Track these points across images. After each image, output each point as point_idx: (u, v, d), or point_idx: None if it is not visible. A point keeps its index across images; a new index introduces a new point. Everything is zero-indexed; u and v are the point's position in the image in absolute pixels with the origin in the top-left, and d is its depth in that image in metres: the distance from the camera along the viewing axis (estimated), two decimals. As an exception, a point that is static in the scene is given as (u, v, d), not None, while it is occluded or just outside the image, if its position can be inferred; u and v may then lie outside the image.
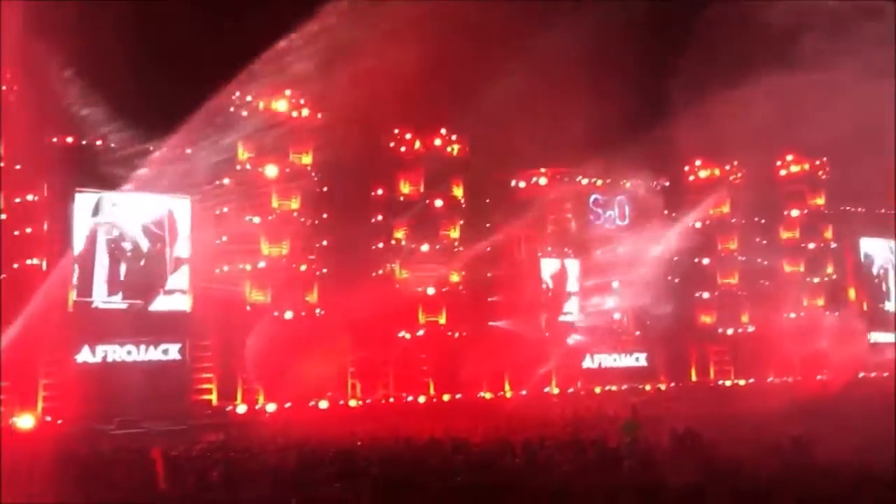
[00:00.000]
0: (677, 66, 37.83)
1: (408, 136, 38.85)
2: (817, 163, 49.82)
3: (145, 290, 32.87)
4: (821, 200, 50.35)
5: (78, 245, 31.81)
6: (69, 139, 31.86)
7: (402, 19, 31.00)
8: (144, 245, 33.11)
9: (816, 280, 49.57)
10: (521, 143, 38.23)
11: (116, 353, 31.61)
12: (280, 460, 20.36)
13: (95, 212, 32.22)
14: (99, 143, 32.40)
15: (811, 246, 49.64)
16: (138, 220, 33.05)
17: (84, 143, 32.20)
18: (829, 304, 49.70)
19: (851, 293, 51.25)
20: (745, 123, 37.49)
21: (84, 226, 32.02)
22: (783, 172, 49.93)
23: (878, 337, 50.04)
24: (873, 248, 52.50)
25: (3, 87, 30.16)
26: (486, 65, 34.99)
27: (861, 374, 46.78)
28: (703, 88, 35.80)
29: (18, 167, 30.26)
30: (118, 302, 32.44)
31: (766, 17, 35.49)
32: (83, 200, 32.05)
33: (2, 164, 30.23)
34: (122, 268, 32.63)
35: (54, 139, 31.25)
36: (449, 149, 39.57)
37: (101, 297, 32.17)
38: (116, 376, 30.79)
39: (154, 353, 32.33)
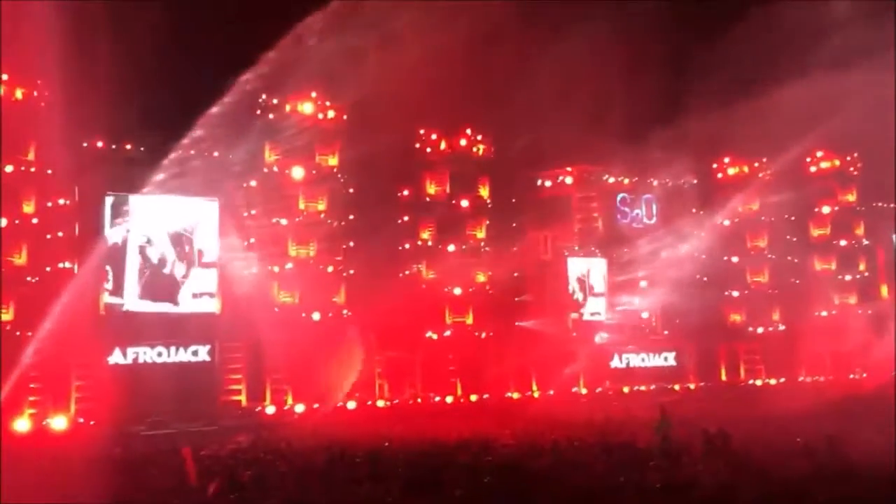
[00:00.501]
0: (704, 63, 37.48)
1: (433, 136, 38.86)
2: (848, 158, 49.11)
3: (174, 292, 33.20)
4: (852, 197, 49.64)
5: (108, 248, 32.16)
6: (99, 143, 32.25)
7: (428, 21, 31.01)
8: (173, 247, 33.43)
9: (848, 277, 48.90)
10: (546, 142, 38.15)
11: (147, 354, 31.98)
12: (309, 461, 20.49)
13: (125, 215, 32.55)
14: (128, 146, 32.77)
15: (842, 243, 48.99)
16: (167, 222, 33.38)
17: (114, 147, 32.58)
18: (861, 302, 48.99)
19: (884, 290, 50.45)
20: (774, 120, 37.07)
21: (114, 229, 32.38)
22: (813, 169, 49.25)
23: (912, 335, 49.21)
24: (906, 244, 51.71)
25: (35, 93, 30.60)
26: (512, 65, 34.97)
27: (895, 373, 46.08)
28: (731, 85, 35.48)
29: (49, 172, 30.67)
30: (148, 304, 32.77)
31: (794, 14, 35.04)
32: (113, 204, 32.41)
33: (34, 169, 30.64)
34: (152, 270, 32.96)
35: (84, 144, 31.62)
36: (474, 149, 39.53)
37: (132, 300, 32.52)
38: (147, 378, 31.10)
39: (184, 355, 32.65)
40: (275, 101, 34.78)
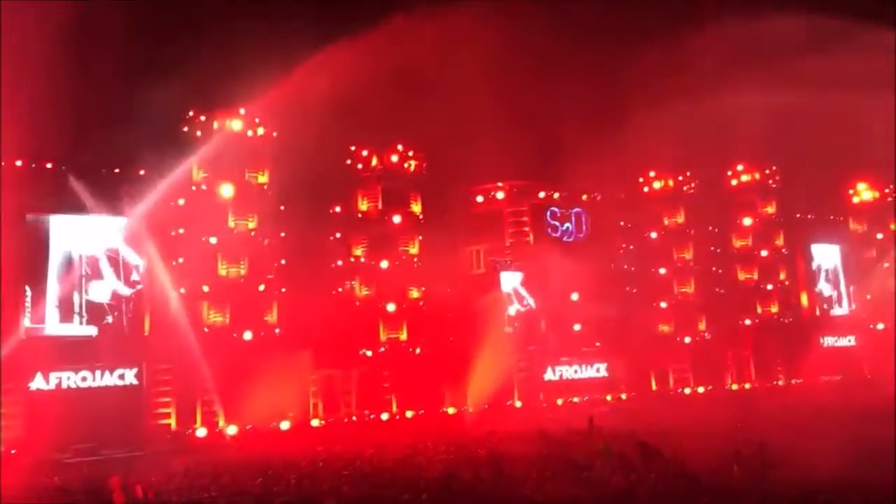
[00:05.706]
0: (630, 79, 38.41)
1: (365, 153, 38.77)
2: (767, 172, 50.90)
3: (99, 314, 32.14)
4: (772, 208, 51.43)
5: (29, 270, 31.04)
6: (18, 162, 31.14)
7: (357, 36, 31.03)
8: (97, 269, 32.39)
9: (770, 286, 50.49)
10: (478, 157, 38.44)
11: (71, 379, 30.87)
12: (242, 485, 20.10)
13: (47, 236, 31.50)
14: (49, 165, 31.75)
15: (763, 253, 50.59)
16: (91, 243, 32.35)
17: (33, 166, 31.50)
18: (782, 311, 50.67)
19: (804, 299, 52.28)
20: (697, 135, 38.14)
21: (35, 251, 31.27)
22: (734, 182, 50.91)
23: (830, 341, 51.14)
24: (823, 253, 53.65)
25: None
26: (443, 80, 35.15)
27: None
28: (657, 101, 36.35)
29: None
30: (72, 327, 31.72)
31: (717, 32, 36.20)
32: (33, 225, 31.35)
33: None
34: (75, 292, 31.91)
35: (2, 163, 30.50)
36: (406, 165, 39.57)
37: (54, 323, 31.44)
38: (72, 403, 30.01)
39: (110, 379, 31.62)
40: (202, 117, 34.23)
